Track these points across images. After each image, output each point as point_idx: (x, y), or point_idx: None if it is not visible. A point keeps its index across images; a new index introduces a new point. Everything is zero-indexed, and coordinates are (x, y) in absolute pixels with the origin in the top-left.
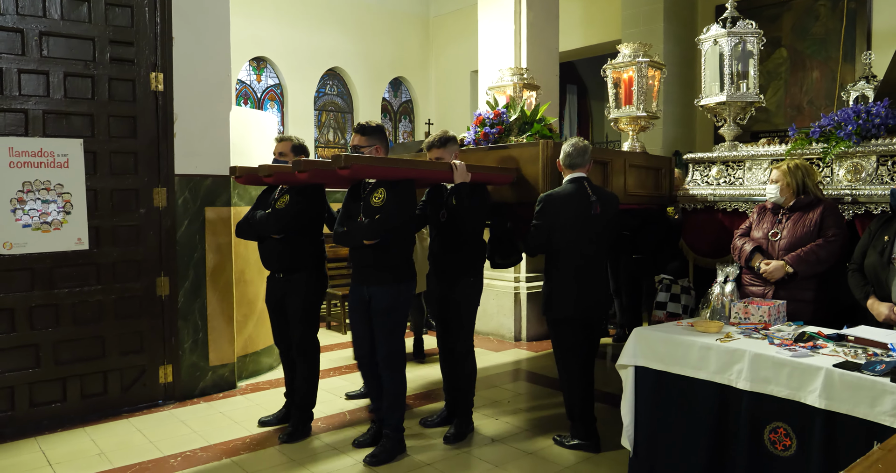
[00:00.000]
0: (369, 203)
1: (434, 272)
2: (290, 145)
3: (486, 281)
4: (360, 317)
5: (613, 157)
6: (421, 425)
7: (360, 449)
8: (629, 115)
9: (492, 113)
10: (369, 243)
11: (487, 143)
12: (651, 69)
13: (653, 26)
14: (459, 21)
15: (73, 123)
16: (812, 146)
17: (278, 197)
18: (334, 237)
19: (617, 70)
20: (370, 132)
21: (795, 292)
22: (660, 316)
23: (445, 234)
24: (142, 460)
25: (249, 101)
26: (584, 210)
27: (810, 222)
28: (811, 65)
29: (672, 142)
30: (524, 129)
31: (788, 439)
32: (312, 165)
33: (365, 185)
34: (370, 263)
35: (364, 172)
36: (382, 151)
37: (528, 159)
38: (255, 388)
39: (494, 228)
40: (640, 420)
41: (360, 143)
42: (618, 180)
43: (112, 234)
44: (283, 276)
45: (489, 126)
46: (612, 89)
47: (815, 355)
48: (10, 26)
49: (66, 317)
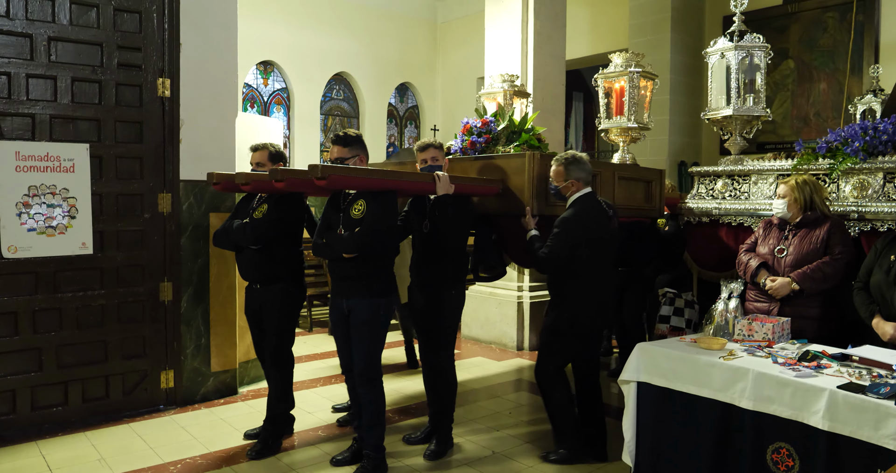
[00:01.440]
0: (349, 215)
1: (416, 284)
2: (267, 154)
3: (489, 289)
4: (341, 331)
5: (602, 168)
6: (404, 441)
7: (338, 467)
8: (620, 126)
9: (479, 121)
10: (348, 256)
11: (475, 152)
12: (643, 79)
13: (660, 36)
14: (466, 27)
15: (79, 128)
16: (818, 162)
17: (256, 206)
18: (313, 249)
19: (608, 80)
20: (352, 142)
21: (801, 309)
22: (663, 330)
23: (428, 245)
24: (141, 466)
25: (256, 104)
26: (605, 224)
27: (817, 238)
28: (818, 76)
29: (678, 152)
30: (512, 138)
31: (791, 459)
32: (289, 174)
33: (345, 195)
34: (350, 276)
35: (342, 183)
36: (365, 161)
37: (515, 170)
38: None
39: (479, 240)
40: (642, 436)
41: (343, 154)
42: (606, 193)
43: (116, 238)
44: (260, 286)
45: (476, 135)
46: (602, 99)
47: (819, 375)
48: (18, 31)
49: (69, 321)
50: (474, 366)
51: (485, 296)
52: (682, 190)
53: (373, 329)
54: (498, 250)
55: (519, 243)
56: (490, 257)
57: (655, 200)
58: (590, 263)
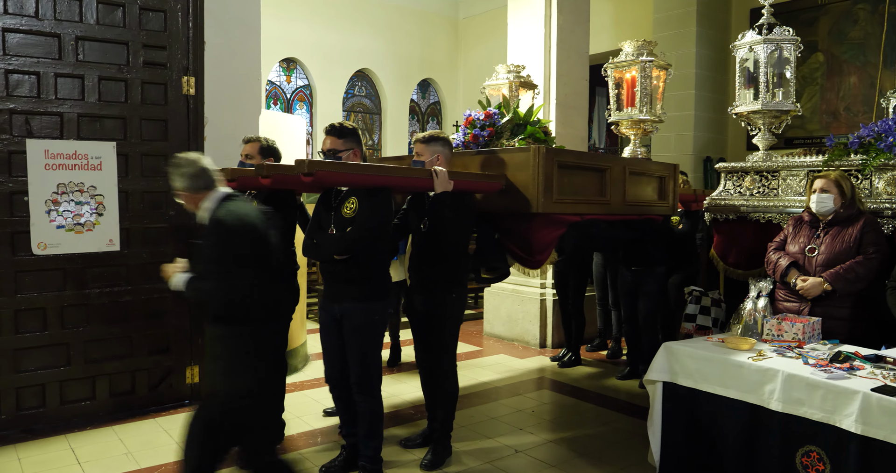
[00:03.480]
0: (340, 214)
1: (414, 287)
2: (257, 147)
3: (511, 286)
4: (331, 337)
5: (612, 163)
6: (401, 446)
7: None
8: (631, 118)
9: (482, 114)
10: (340, 257)
11: (477, 146)
12: (656, 69)
13: (685, 29)
14: (488, 23)
15: (106, 126)
16: (850, 157)
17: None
18: (303, 250)
19: (619, 69)
20: (347, 134)
21: (832, 310)
22: (689, 329)
23: (427, 245)
24: (167, 461)
25: (279, 101)
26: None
27: (850, 237)
28: (848, 70)
29: (703, 147)
30: (517, 131)
31: (822, 463)
32: (276, 169)
33: (337, 193)
34: (342, 278)
35: (331, 180)
36: (359, 156)
37: (518, 165)
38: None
39: (480, 239)
40: (668, 437)
41: (336, 146)
42: (616, 189)
43: (142, 235)
44: None
45: (479, 128)
46: (613, 90)
47: (852, 377)
48: (47, 31)
49: (96, 316)
50: (496, 364)
51: (507, 293)
52: (706, 186)
53: (367, 335)
54: (500, 249)
55: (522, 242)
56: (492, 257)
57: (668, 196)
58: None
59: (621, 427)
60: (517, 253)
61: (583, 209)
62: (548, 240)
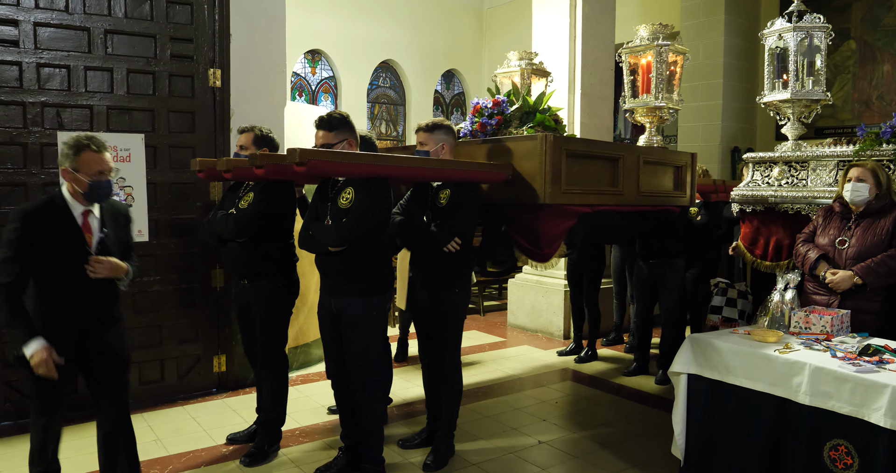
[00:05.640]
0: (337, 205)
1: (417, 282)
2: (252, 137)
3: (535, 278)
4: (330, 333)
5: (625, 152)
6: (399, 446)
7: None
8: (646, 105)
9: (490, 101)
10: (336, 249)
11: (485, 135)
12: (673, 54)
13: (713, 17)
14: (513, 13)
15: (134, 119)
16: (882, 147)
17: (242, 195)
18: (299, 242)
19: (634, 55)
20: (338, 125)
21: (862, 304)
22: (714, 321)
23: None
24: (195, 448)
25: (304, 93)
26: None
27: (882, 229)
28: (882, 58)
29: (731, 137)
30: (526, 119)
31: (850, 457)
32: (270, 159)
33: (334, 183)
34: (339, 271)
35: (324, 169)
36: (355, 145)
37: (525, 154)
38: (305, 380)
39: (486, 232)
40: (692, 430)
41: (328, 140)
42: (629, 179)
43: (170, 226)
44: (248, 283)
45: (487, 116)
46: (627, 76)
47: (882, 370)
48: (77, 25)
49: (126, 306)
50: (520, 355)
51: (531, 284)
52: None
53: (365, 331)
54: (507, 242)
55: (530, 234)
56: (499, 250)
57: (686, 187)
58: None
59: (645, 418)
60: (524, 246)
61: (593, 200)
62: (556, 232)
